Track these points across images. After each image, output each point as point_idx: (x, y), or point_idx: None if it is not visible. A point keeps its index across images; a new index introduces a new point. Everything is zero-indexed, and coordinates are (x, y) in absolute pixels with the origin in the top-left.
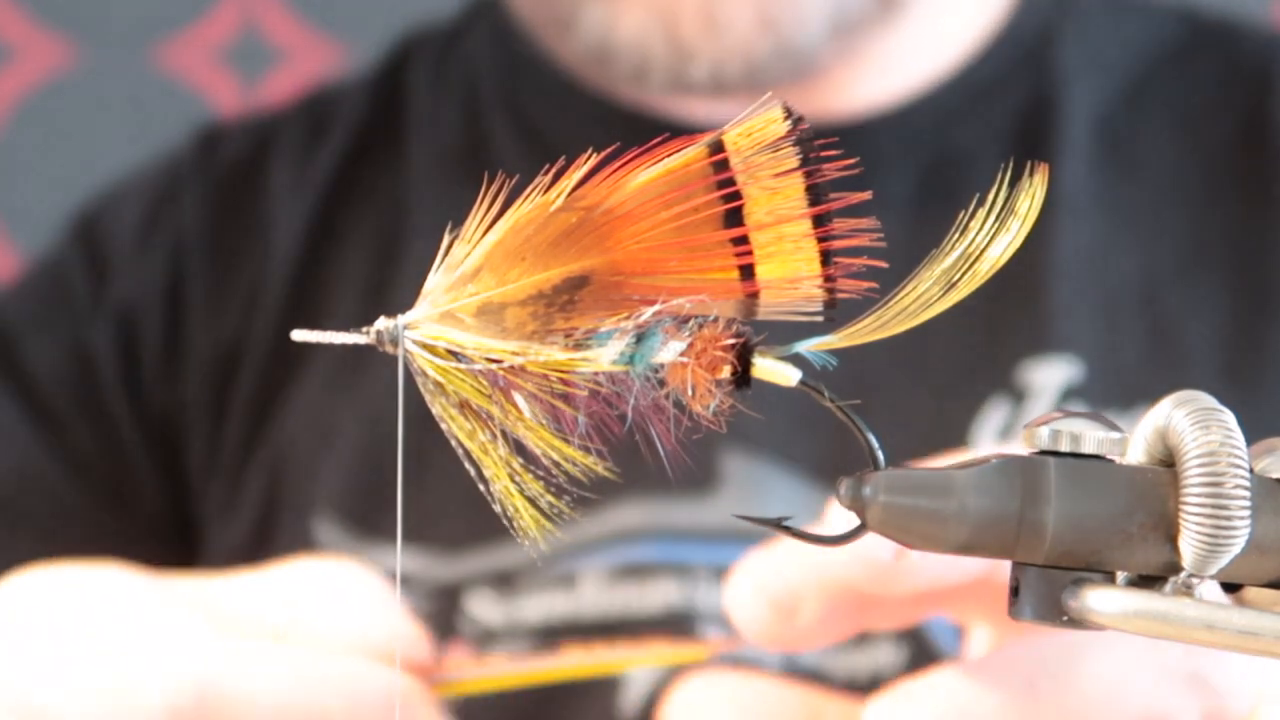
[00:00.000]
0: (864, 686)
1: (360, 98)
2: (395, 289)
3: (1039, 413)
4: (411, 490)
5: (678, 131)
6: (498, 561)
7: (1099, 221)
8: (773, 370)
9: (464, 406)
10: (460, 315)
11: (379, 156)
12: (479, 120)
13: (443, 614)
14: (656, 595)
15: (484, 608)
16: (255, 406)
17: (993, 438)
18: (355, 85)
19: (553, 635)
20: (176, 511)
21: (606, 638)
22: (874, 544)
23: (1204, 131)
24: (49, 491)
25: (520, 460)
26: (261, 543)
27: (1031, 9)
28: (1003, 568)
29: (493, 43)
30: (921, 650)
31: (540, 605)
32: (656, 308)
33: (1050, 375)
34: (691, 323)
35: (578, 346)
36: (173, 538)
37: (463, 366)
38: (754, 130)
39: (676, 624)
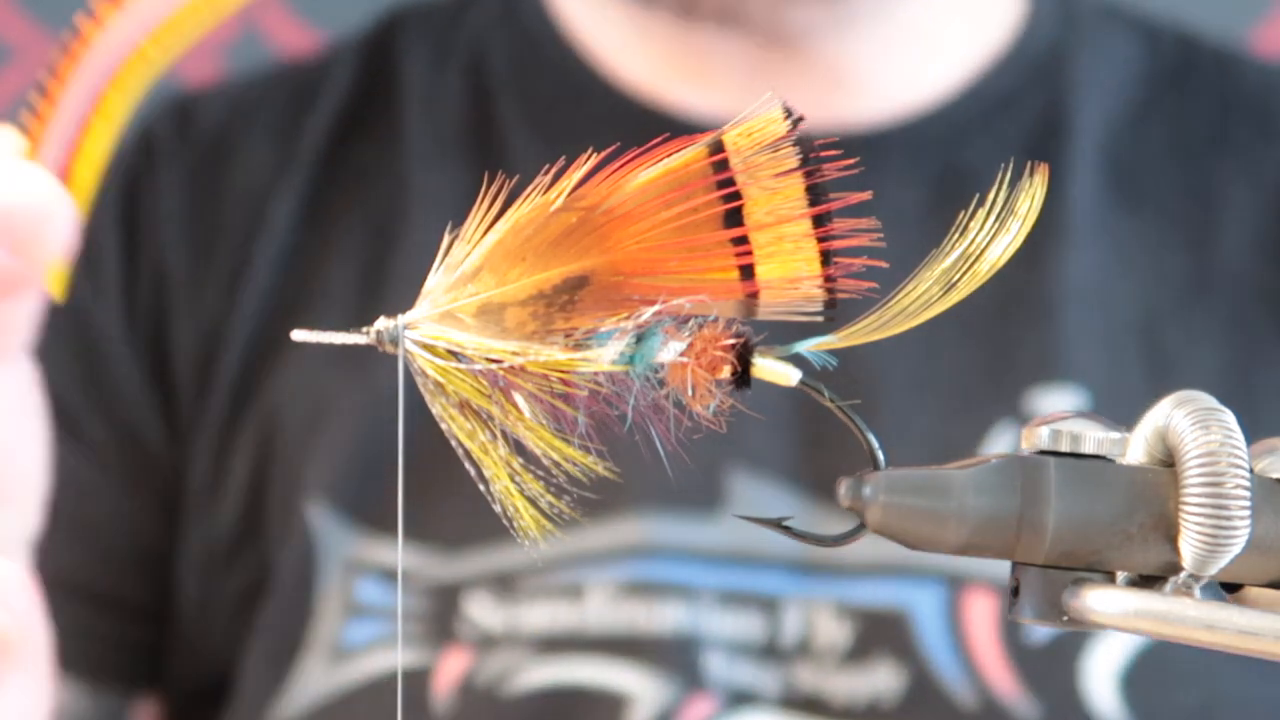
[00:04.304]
0: (862, 712)
1: (346, 69)
2: (392, 267)
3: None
4: (412, 486)
5: (683, 127)
6: (498, 563)
7: (1104, 250)
8: (773, 370)
9: (464, 406)
10: (460, 315)
11: (371, 131)
12: (485, 99)
13: (441, 615)
14: (665, 616)
15: (483, 611)
16: (240, 383)
17: None
18: (339, 55)
19: (556, 646)
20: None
21: (612, 653)
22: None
23: (1203, 166)
24: (81, 490)
25: (520, 460)
26: (250, 527)
27: (1042, 24)
28: None
29: (501, 21)
30: (922, 675)
31: (544, 614)
32: (656, 308)
33: (1057, 404)
34: (691, 323)
35: (578, 346)
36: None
37: (463, 366)
38: (754, 130)
39: (682, 648)
